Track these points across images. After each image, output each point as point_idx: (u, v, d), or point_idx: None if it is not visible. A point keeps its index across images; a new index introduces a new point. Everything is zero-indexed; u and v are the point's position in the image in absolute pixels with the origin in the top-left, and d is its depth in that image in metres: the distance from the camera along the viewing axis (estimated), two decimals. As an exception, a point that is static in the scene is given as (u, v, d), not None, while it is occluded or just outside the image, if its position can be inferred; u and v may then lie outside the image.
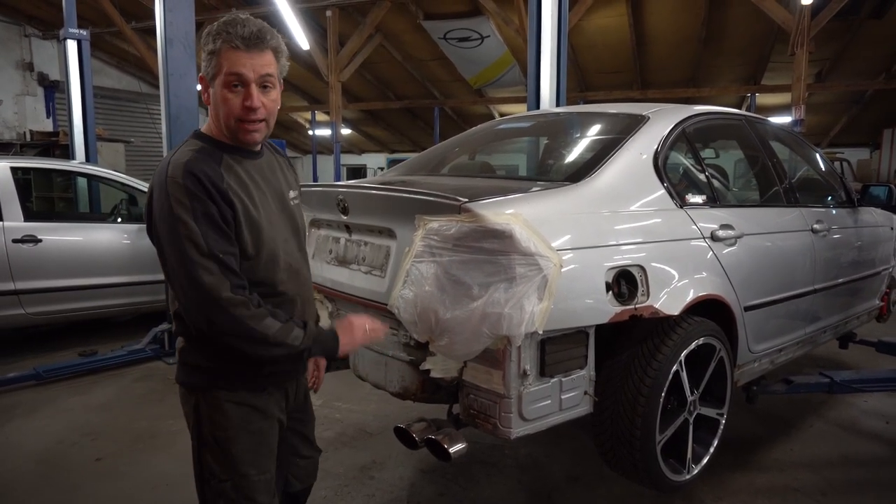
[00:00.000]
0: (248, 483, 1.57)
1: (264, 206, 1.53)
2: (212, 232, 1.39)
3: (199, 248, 1.38)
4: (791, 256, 3.01)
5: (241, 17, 1.47)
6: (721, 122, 3.17)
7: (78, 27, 6.76)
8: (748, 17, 9.48)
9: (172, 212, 1.39)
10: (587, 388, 2.15)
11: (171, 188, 1.40)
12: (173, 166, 1.42)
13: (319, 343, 1.54)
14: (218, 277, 1.38)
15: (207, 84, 1.49)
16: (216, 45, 1.44)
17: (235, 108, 1.47)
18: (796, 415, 3.66)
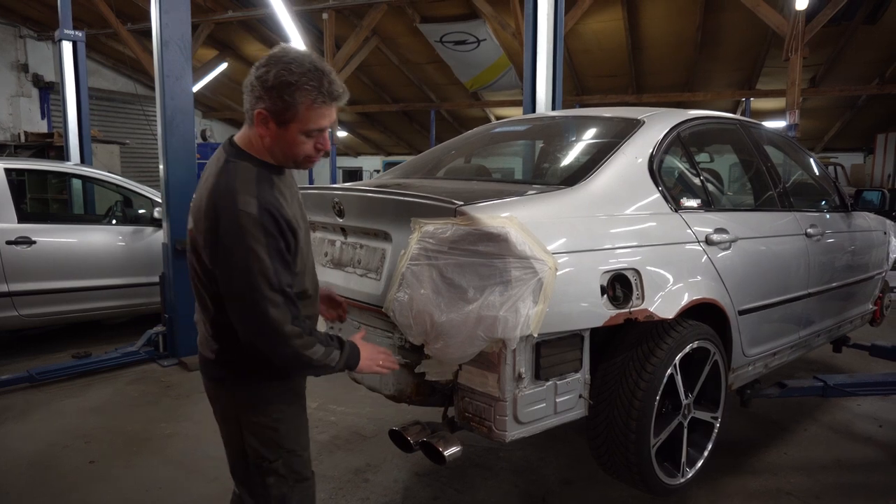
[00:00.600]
0: (295, 459, 1.72)
1: (300, 220, 1.64)
2: (281, 267, 1.49)
3: (270, 284, 1.47)
4: (785, 260, 3.02)
5: (326, 70, 1.54)
6: (716, 126, 3.18)
7: (73, 28, 6.75)
8: (743, 22, 9.52)
9: (246, 244, 1.46)
10: (582, 392, 2.15)
11: (244, 221, 1.46)
12: (243, 197, 1.48)
13: (349, 362, 1.68)
14: (283, 310, 1.49)
15: (270, 119, 1.52)
16: (298, 97, 1.49)
17: (308, 150, 1.58)
18: (790, 418, 3.67)
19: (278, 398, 1.69)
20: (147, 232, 5.27)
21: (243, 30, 12.02)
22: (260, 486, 1.72)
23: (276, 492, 1.71)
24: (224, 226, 1.47)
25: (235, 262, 1.47)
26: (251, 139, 1.59)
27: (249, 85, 1.54)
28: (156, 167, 4.85)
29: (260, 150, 1.59)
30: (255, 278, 1.46)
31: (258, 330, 1.50)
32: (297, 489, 1.73)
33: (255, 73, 1.53)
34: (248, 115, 1.57)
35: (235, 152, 1.59)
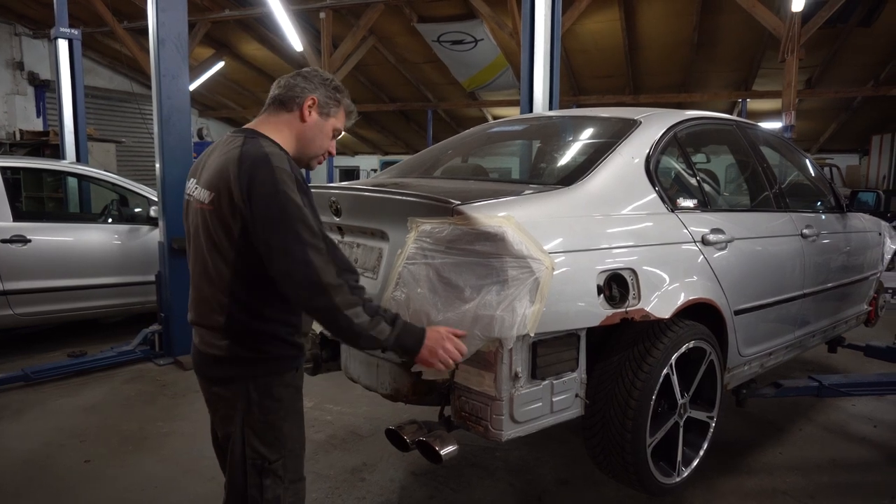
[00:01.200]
0: (295, 459, 1.72)
1: None
2: (316, 218, 1.56)
3: (311, 230, 1.52)
4: (781, 261, 3.03)
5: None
6: (712, 127, 3.19)
7: (70, 26, 6.72)
8: (739, 24, 9.55)
9: (285, 193, 1.51)
10: (578, 391, 2.16)
11: (280, 175, 1.52)
12: (276, 157, 1.56)
13: (401, 340, 1.64)
14: (325, 258, 1.52)
15: (318, 109, 1.73)
16: (342, 101, 1.79)
17: (325, 147, 1.78)
18: (785, 418, 3.69)
19: (286, 396, 1.68)
20: (143, 230, 5.25)
21: (240, 29, 12.00)
22: (256, 487, 1.67)
23: (272, 494, 1.67)
24: (261, 179, 1.51)
25: (276, 212, 1.50)
26: (273, 125, 1.71)
27: (306, 76, 1.74)
28: (152, 166, 4.85)
29: (280, 136, 1.70)
30: (296, 224, 1.50)
31: (301, 278, 1.50)
32: (291, 490, 1.71)
33: (313, 73, 1.75)
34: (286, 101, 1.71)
35: (254, 133, 1.66)
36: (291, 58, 12.34)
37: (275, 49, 12.50)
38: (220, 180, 1.57)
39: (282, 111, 1.72)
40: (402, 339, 1.64)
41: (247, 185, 1.52)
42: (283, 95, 1.71)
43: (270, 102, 1.74)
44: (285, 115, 1.71)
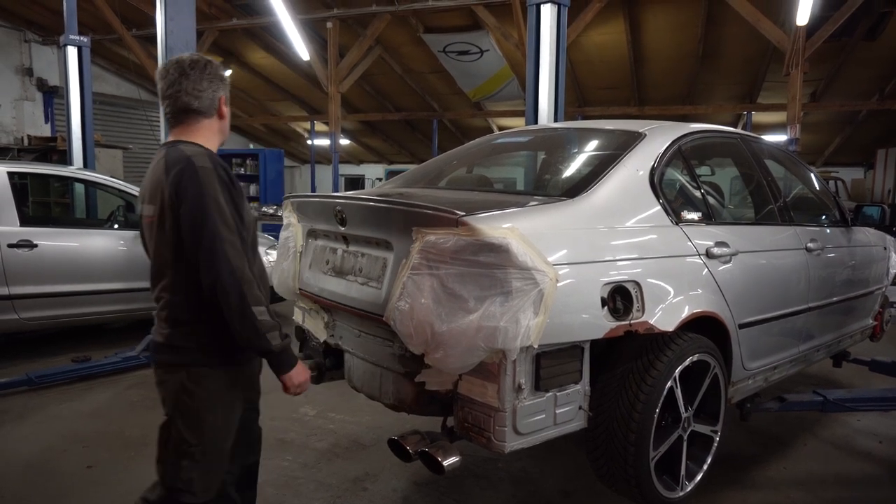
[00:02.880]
0: (215, 449, 1.82)
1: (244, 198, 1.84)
2: (236, 214, 1.70)
3: (228, 226, 1.66)
4: (785, 274, 3.03)
5: None
6: (717, 140, 3.20)
7: (79, 34, 6.78)
8: (744, 37, 9.58)
9: (206, 192, 1.65)
10: (582, 403, 2.15)
11: (202, 174, 1.67)
12: (198, 158, 1.70)
13: (283, 358, 1.77)
14: (240, 255, 1.67)
15: (225, 102, 1.88)
16: (226, 78, 1.88)
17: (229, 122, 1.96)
18: (789, 433, 3.66)
19: (216, 388, 1.79)
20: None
21: (247, 37, 12.09)
22: (174, 466, 1.80)
23: (186, 475, 1.78)
24: (185, 182, 1.67)
25: (197, 211, 1.65)
26: (196, 132, 1.83)
27: (208, 78, 1.82)
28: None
29: (208, 140, 1.84)
30: (216, 222, 1.64)
31: (217, 273, 1.63)
32: (206, 476, 1.82)
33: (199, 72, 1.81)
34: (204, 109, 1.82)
35: (173, 143, 1.82)
36: (297, 66, 12.42)
37: (281, 58, 12.58)
38: (156, 192, 1.73)
39: (201, 118, 1.84)
40: (284, 355, 1.76)
41: (174, 188, 1.67)
42: (200, 105, 1.81)
43: (185, 113, 1.82)
44: (206, 120, 1.84)
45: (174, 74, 1.80)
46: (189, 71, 1.80)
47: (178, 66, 1.80)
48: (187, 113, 1.81)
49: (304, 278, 2.68)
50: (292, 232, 2.75)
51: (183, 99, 1.80)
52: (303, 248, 2.71)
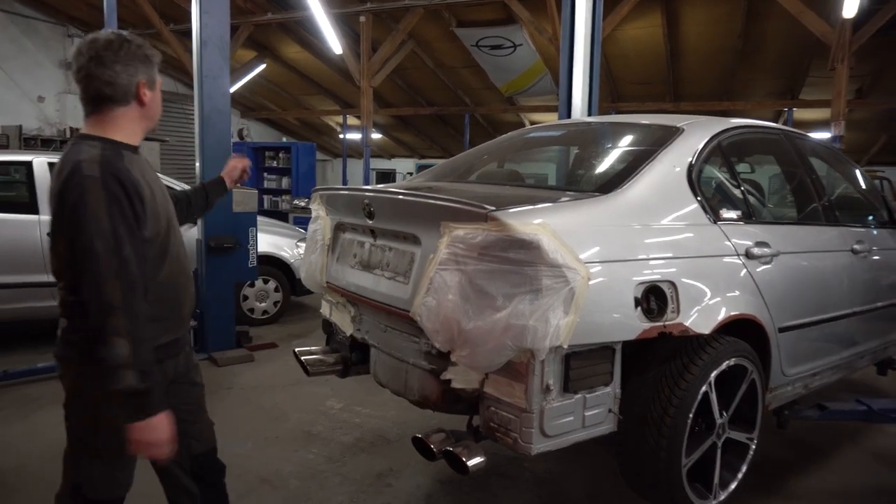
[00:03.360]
0: (114, 447, 1.68)
1: (158, 190, 1.73)
2: (124, 231, 1.54)
3: (106, 244, 1.51)
4: (829, 277, 2.90)
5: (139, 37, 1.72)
6: (758, 135, 3.08)
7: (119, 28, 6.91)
8: (786, 31, 9.26)
9: (88, 206, 1.51)
10: (612, 406, 2.09)
11: (87, 183, 1.53)
12: (87, 165, 1.55)
13: (132, 402, 1.56)
14: (113, 276, 1.51)
15: (146, 86, 1.69)
16: (151, 57, 1.71)
17: (160, 106, 1.79)
18: (828, 441, 3.52)
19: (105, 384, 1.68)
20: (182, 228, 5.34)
21: (281, 32, 12.17)
22: (73, 462, 1.75)
23: (86, 473, 1.74)
24: (68, 192, 1.54)
25: (73, 224, 1.52)
26: (111, 123, 1.67)
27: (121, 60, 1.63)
28: (194, 165, 4.93)
29: (121, 130, 1.68)
30: (91, 239, 1.50)
31: (87, 289, 1.52)
32: (105, 474, 1.76)
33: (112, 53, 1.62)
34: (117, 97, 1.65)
35: (79, 139, 1.66)
36: (330, 61, 12.46)
37: (314, 52, 12.64)
38: (50, 192, 1.65)
39: (117, 107, 1.66)
40: (133, 400, 1.54)
41: (58, 197, 1.57)
42: (115, 92, 1.64)
43: (96, 100, 1.65)
44: (121, 109, 1.67)
45: (85, 57, 1.62)
46: (102, 53, 1.61)
47: (90, 47, 1.62)
48: (99, 101, 1.65)
49: (332, 271, 2.66)
50: (320, 225, 2.73)
51: (93, 85, 1.63)
52: (330, 242, 2.69)
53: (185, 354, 1.93)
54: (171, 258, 1.75)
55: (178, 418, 1.80)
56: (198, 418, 1.99)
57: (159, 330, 1.72)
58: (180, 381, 1.90)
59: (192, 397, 1.96)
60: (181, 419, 1.84)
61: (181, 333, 1.87)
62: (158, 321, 1.72)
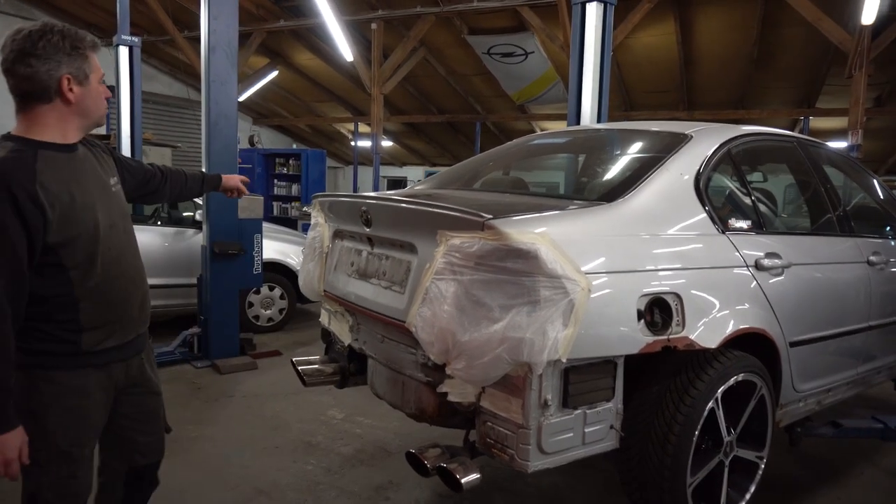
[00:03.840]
0: (62, 456, 1.67)
1: (83, 195, 1.62)
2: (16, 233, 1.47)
3: None
4: (844, 289, 2.81)
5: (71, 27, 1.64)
6: (770, 143, 3.00)
7: (133, 35, 6.95)
8: (803, 38, 9.14)
9: None
10: (613, 423, 2.01)
11: None
12: None
13: None
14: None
15: (73, 81, 1.59)
16: (86, 51, 1.63)
17: (103, 103, 1.70)
18: (843, 459, 3.40)
19: (50, 391, 1.64)
20: (188, 234, 5.34)
21: (294, 39, 12.24)
22: (23, 472, 1.63)
23: (33, 482, 1.67)
24: None
25: None
26: (35, 121, 1.60)
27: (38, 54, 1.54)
28: (200, 170, 4.92)
29: (44, 129, 1.60)
30: None
31: None
32: (54, 485, 1.68)
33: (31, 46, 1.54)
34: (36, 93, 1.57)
35: (4, 137, 1.60)
36: (342, 68, 12.50)
37: (326, 59, 12.69)
38: None
39: (38, 104, 1.59)
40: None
41: None
42: (30, 88, 1.56)
43: (19, 99, 1.59)
44: (44, 106, 1.59)
45: (6, 50, 1.56)
46: (20, 46, 1.54)
47: (11, 41, 1.55)
48: (22, 97, 1.58)
49: (329, 280, 2.62)
50: (319, 232, 2.69)
51: (12, 81, 1.57)
52: (329, 249, 2.65)
53: (139, 360, 1.87)
54: (107, 261, 1.68)
55: (122, 426, 1.83)
56: (147, 429, 1.93)
57: (102, 334, 1.69)
58: (131, 389, 1.85)
59: (143, 406, 1.91)
60: (126, 428, 1.85)
61: (130, 337, 1.79)
62: (101, 326, 1.68)
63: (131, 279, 1.79)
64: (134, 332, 1.81)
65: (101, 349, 1.69)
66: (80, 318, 1.64)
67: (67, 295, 1.61)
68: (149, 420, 1.94)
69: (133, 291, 1.79)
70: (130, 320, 1.78)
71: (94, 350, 1.67)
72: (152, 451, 1.98)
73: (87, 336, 1.66)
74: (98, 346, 1.68)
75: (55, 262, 1.58)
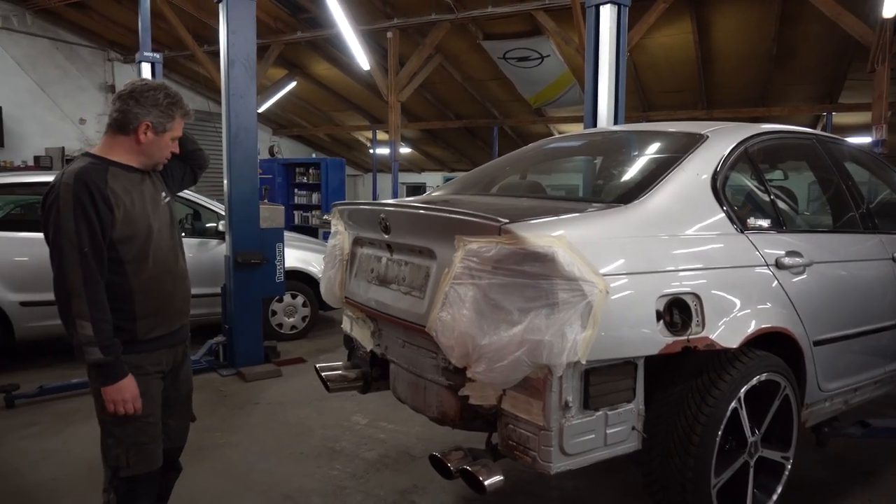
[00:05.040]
0: (133, 426, 1.94)
1: (141, 204, 1.98)
2: (85, 230, 1.80)
3: (70, 241, 1.79)
4: (869, 287, 2.77)
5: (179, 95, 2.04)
6: (789, 141, 2.98)
7: (155, 51, 7.12)
8: (822, 33, 9.02)
9: (58, 206, 1.81)
10: (635, 424, 2.02)
11: (62, 189, 1.82)
12: (68, 175, 1.85)
13: (99, 371, 1.86)
14: (73, 266, 1.78)
15: (150, 129, 1.96)
16: (175, 114, 2.01)
17: (165, 156, 2.06)
18: (873, 460, 3.34)
19: None
20: (211, 244, 5.43)
21: (311, 49, 12.39)
22: (103, 444, 1.97)
23: (112, 452, 1.95)
24: (52, 195, 1.84)
25: (49, 221, 1.83)
26: (111, 146, 1.97)
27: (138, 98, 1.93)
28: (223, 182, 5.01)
29: (117, 152, 1.97)
30: (59, 235, 1.80)
31: (54, 280, 1.81)
32: (132, 452, 1.95)
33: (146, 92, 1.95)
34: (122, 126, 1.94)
35: (82, 155, 1.98)
36: (359, 77, 12.63)
37: (343, 68, 12.83)
38: None
39: (119, 134, 1.96)
40: (100, 370, 1.85)
41: (44, 199, 1.88)
42: (120, 120, 1.94)
43: (109, 125, 1.98)
44: (122, 137, 1.96)
45: (127, 88, 1.98)
46: (130, 91, 1.96)
47: (133, 85, 1.99)
48: (111, 125, 1.97)
49: (350, 287, 2.66)
50: (339, 240, 2.73)
51: (113, 108, 1.97)
52: (349, 257, 2.69)
53: (183, 348, 2.18)
54: (157, 259, 1.99)
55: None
56: (177, 414, 2.21)
57: (153, 322, 1.99)
58: (172, 374, 2.14)
59: (178, 392, 2.19)
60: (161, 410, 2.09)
61: (175, 327, 2.11)
62: (152, 315, 1.99)
63: (177, 276, 2.09)
64: (178, 322, 2.12)
65: (153, 336, 2.00)
66: (136, 308, 1.94)
67: (125, 285, 1.92)
68: (180, 405, 2.22)
69: (178, 286, 2.09)
70: (176, 311, 2.08)
71: (147, 337, 1.98)
72: (179, 436, 2.25)
73: (141, 324, 1.96)
74: (150, 333, 1.99)
75: (115, 256, 1.90)
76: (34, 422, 3.86)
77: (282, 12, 10.61)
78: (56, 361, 5.10)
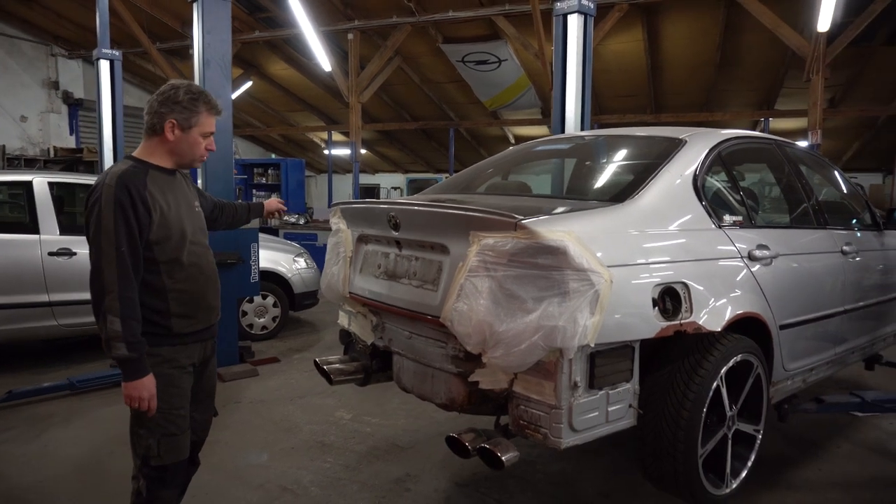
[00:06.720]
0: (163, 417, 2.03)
1: (176, 207, 2.07)
2: (124, 230, 1.90)
3: (109, 239, 1.88)
4: (823, 277, 3.07)
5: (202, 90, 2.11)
6: (754, 145, 3.26)
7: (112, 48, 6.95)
8: (763, 44, 9.61)
9: (99, 207, 1.91)
10: (632, 401, 2.21)
11: (103, 191, 1.92)
12: (110, 178, 1.95)
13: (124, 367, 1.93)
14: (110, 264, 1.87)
15: (176, 126, 2.05)
16: (199, 109, 2.07)
17: (199, 152, 2.13)
18: (823, 436, 3.68)
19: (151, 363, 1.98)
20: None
21: (268, 49, 12.27)
22: (134, 434, 2.07)
23: (144, 442, 2.04)
24: (94, 195, 1.95)
25: (91, 219, 1.92)
26: (148, 148, 2.09)
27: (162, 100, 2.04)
28: (194, 182, 4.98)
29: (154, 155, 2.08)
30: (99, 233, 1.89)
31: (90, 275, 1.90)
32: (163, 443, 2.04)
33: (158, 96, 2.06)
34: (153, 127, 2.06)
35: (126, 157, 2.08)
36: (316, 77, 12.58)
37: (301, 69, 12.76)
38: None
39: (153, 137, 2.08)
40: (125, 366, 1.92)
41: (86, 200, 1.98)
42: (150, 122, 2.06)
43: (144, 130, 2.09)
44: (155, 139, 2.08)
45: (156, 93, 2.09)
46: (161, 91, 2.08)
47: (161, 89, 2.09)
48: (146, 128, 2.09)
49: (355, 282, 2.76)
50: (342, 238, 2.83)
51: (144, 116, 2.08)
52: (352, 254, 2.79)
53: (213, 344, 2.28)
54: (190, 261, 2.08)
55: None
56: (202, 408, 2.29)
57: (187, 319, 2.09)
58: (202, 368, 2.23)
59: (205, 386, 2.28)
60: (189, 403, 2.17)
61: (209, 324, 2.20)
62: (185, 312, 2.08)
63: (208, 277, 2.19)
64: (210, 319, 2.21)
65: (187, 332, 2.10)
66: (170, 305, 2.04)
67: (159, 283, 2.01)
68: (206, 399, 2.32)
69: (210, 287, 2.19)
70: (208, 309, 2.18)
71: (182, 332, 2.08)
72: (202, 429, 2.34)
73: (176, 321, 2.06)
74: (184, 329, 2.09)
75: (151, 256, 1.99)
76: (9, 426, 3.77)
77: (240, 11, 10.49)
78: (23, 366, 4.96)
